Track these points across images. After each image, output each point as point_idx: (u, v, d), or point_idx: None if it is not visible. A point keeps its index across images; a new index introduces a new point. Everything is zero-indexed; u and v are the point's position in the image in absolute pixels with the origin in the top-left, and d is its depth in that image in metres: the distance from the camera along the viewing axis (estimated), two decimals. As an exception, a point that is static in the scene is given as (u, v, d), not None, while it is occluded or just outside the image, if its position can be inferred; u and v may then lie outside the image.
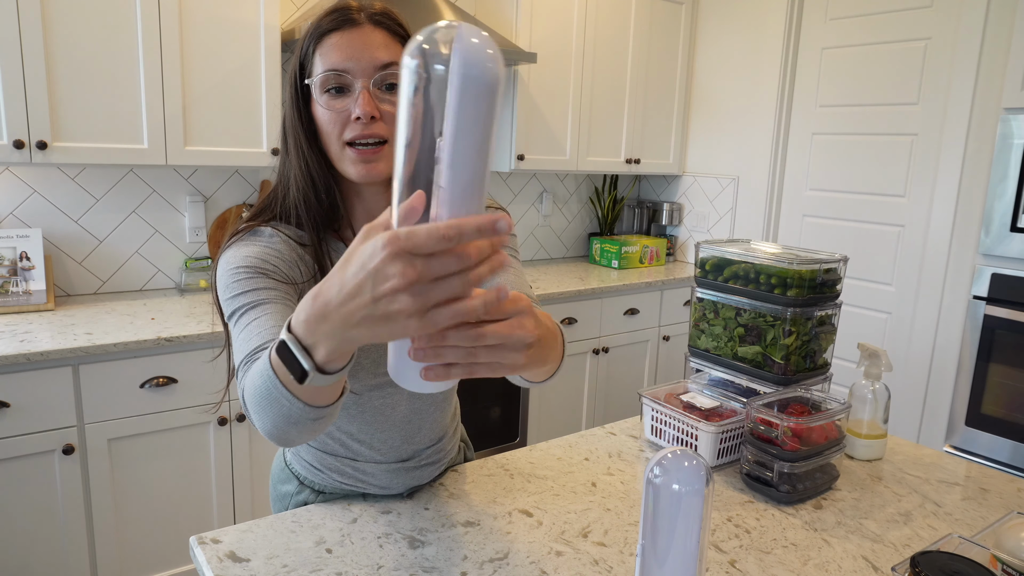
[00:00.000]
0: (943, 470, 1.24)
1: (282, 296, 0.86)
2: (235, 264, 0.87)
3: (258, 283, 0.86)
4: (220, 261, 0.90)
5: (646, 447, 1.30)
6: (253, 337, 0.79)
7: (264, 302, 0.83)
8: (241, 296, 0.84)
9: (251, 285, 0.85)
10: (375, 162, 0.89)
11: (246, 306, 0.83)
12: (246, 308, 0.83)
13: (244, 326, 0.81)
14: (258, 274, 0.86)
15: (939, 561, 0.77)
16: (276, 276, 0.88)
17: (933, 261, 2.61)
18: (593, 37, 3.02)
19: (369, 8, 0.91)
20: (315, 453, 1.04)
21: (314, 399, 0.64)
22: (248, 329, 0.80)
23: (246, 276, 0.86)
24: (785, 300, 1.20)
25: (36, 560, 1.78)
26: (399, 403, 1.01)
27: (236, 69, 2.15)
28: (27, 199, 2.15)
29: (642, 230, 3.67)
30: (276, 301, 0.85)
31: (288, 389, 0.63)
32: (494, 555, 0.92)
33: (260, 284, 0.86)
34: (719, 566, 0.91)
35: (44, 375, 1.71)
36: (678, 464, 0.68)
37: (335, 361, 0.59)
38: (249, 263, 0.87)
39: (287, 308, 0.85)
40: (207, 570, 0.86)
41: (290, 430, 0.68)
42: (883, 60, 2.73)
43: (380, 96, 0.89)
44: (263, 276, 0.87)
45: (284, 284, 0.88)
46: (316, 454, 1.04)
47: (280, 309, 0.84)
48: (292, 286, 0.89)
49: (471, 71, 0.52)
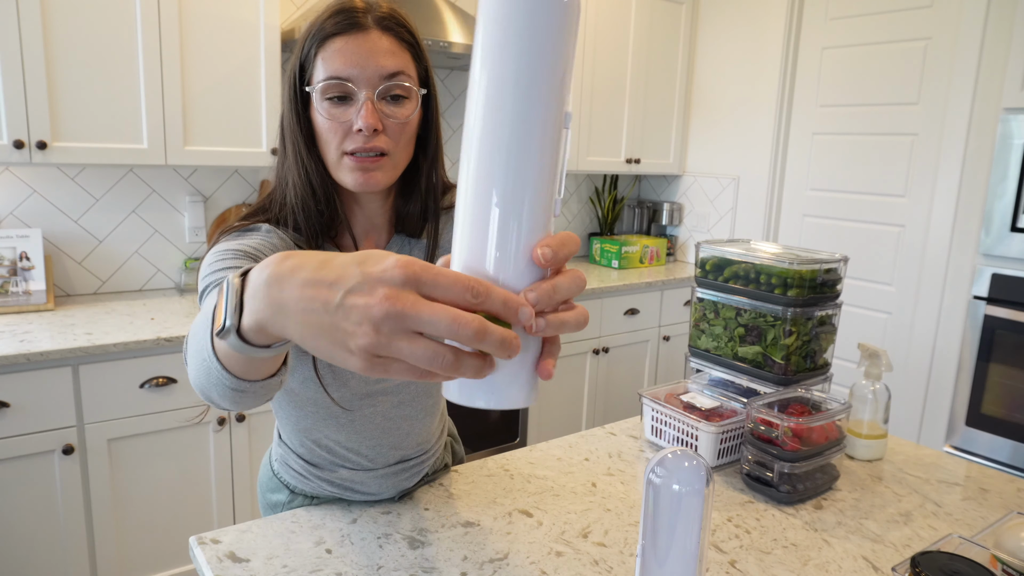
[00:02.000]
0: (943, 470, 1.24)
1: None
2: (224, 248, 0.83)
3: (245, 264, 0.80)
4: (209, 252, 0.85)
5: (646, 447, 1.30)
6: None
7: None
8: (222, 271, 0.78)
9: (236, 264, 0.80)
10: (374, 171, 0.86)
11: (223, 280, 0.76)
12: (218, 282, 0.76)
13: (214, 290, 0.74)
14: (246, 257, 0.81)
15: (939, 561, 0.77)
16: None
17: (933, 261, 2.61)
18: (593, 37, 3.02)
19: (376, 10, 0.86)
20: (302, 462, 1.02)
21: (230, 363, 0.56)
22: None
23: (233, 257, 0.81)
24: (785, 300, 1.20)
25: (36, 560, 1.77)
26: (388, 411, 0.99)
27: (236, 69, 2.15)
28: (27, 199, 2.15)
29: (642, 230, 3.67)
30: None
31: (213, 345, 0.56)
32: (494, 555, 0.92)
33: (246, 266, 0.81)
34: (719, 566, 0.91)
35: (44, 375, 1.71)
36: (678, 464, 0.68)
37: (257, 335, 0.50)
38: (240, 248, 0.83)
39: None
40: (207, 570, 0.86)
41: (210, 390, 0.61)
42: (883, 60, 2.73)
43: (384, 108, 0.85)
44: (252, 260, 0.81)
45: None
46: (303, 463, 1.02)
47: None
48: None
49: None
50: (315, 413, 0.96)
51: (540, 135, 0.45)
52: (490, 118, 0.45)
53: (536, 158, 0.46)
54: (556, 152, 0.47)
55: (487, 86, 0.45)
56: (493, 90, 0.45)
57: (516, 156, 0.45)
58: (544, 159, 0.46)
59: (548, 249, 0.46)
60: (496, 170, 0.45)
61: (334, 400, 0.94)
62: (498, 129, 0.45)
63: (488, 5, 0.45)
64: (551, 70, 0.45)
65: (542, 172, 0.46)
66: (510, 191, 0.45)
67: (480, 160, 0.46)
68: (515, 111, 0.45)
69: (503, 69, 0.45)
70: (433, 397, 1.03)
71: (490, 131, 0.45)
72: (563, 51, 0.45)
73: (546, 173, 0.46)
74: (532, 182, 0.46)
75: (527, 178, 0.46)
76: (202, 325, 0.60)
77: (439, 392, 1.05)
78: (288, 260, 0.47)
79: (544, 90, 0.45)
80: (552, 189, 0.47)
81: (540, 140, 0.45)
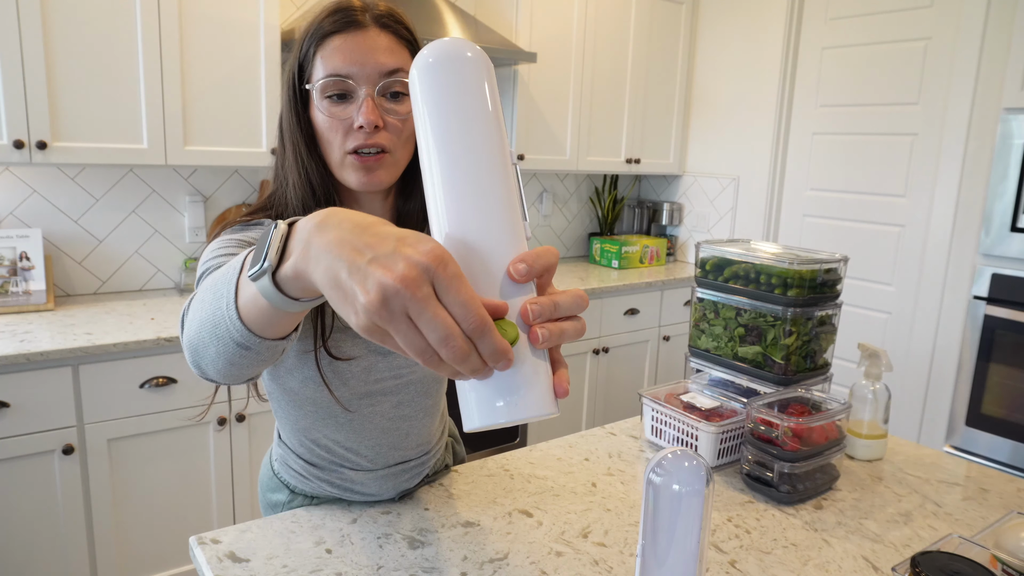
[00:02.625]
0: (943, 470, 1.24)
1: None
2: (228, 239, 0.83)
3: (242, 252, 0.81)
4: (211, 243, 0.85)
5: (646, 447, 1.30)
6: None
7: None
8: (223, 258, 0.78)
9: (234, 251, 0.79)
10: (376, 170, 0.87)
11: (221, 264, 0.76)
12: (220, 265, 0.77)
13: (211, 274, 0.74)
14: (245, 246, 0.81)
15: (939, 561, 0.77)
16: None
17: (933, 261, 2.61)
18: (593, 37, 3.02)
19: (374, 8, 0.86)
20: (302, 463, 1.02)
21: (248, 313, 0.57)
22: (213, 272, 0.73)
23: (236, 246, 0.81)
24: (785, 300, 1.20)
25: (36, 560, 1.77)
26: (387, 410, 0.98)
27: (236, 69, 2.15)
28: (27, 199, 2.15)
29: (642, 230, 3.67)
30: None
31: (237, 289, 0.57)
32: (494, 555, 0.92)
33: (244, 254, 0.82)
34: (719, 566, 0.91)
35: (44, 375, 1.71)
36: (678, 464, 0.68)
37: (291, 282, 0.52)
38: (244, 239, 0.83)
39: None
40: (207, 570, 0.86)
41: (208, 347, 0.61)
42: (883, 60, 2.73)
43: (384, 104, 0.85)
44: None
45: None
46: (303, 463, 1.02)
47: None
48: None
49: (435, 51, 0.51)
50: (314, 413, 0.96)
51: (489, 174, 0.51)
52: (444, 173, 0.51)
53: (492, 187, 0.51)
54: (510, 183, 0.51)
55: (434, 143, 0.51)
56: (440, 146, 0.51)
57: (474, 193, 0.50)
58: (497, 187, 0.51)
59: (523, 264, 0.49)
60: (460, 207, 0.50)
61: (336, 399, 0.94)
62: (452, 181, 0.50)
63: (416, 90, 0.52)
64: (483, 122, 0.51)
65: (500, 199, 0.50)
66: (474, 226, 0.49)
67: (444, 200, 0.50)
68: (463, 162, 0.50)
69: (443, 133, 0.51)
70: (433, 398, 1.03)
71: (446, 184, 0.50)
72: (484, 104, 0.51)
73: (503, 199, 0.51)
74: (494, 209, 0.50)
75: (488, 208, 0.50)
76: (223, 276, 0.60)
77: (439, 392, 1.05)
78: (338, 213, 0.49)
79: (481, 139, 0.50)
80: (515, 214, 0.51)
81: (490, 176, 0.51)
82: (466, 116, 0.50)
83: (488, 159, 0.50)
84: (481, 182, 0.50)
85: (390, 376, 0.97)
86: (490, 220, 0.49)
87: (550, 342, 0.49)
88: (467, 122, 0.50)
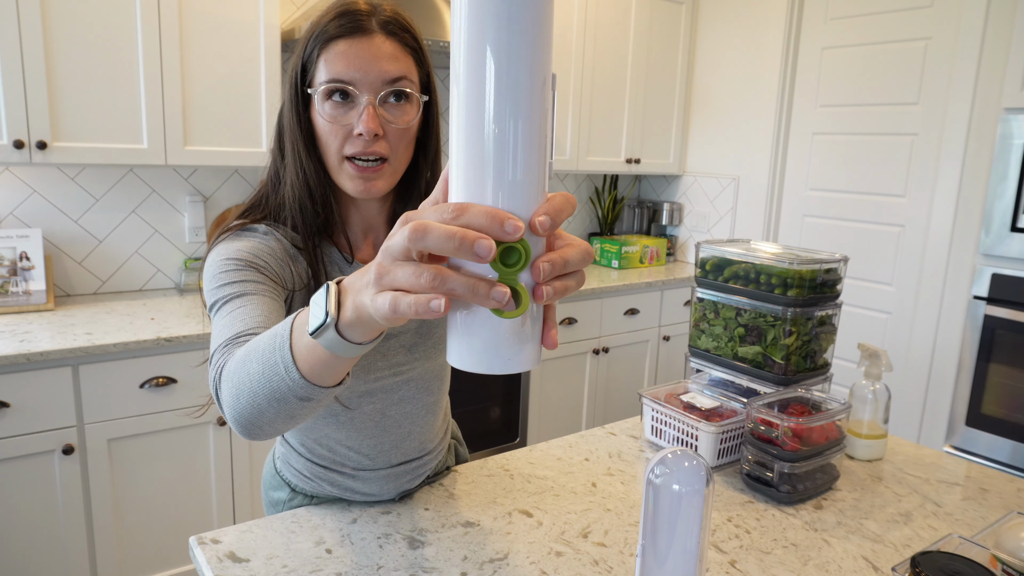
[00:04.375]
0: (943, 470, 1.24)
1: (270, 290, 0.84)
2: (225, 256, 0.85)
3: (246, 275, 0.83)
4: (210, 254, 0.87)
5: (646, 447, 1.30)
6: (236, 323, 0.75)
7: (251, 293, 0.81)
8: (227, 286, 0.81)
9: (239, 276, 0.82)
10: (374, 180, 0.87)
11: (231, 296, 0.80)
12: (231, 297, 0.80)
13: (227, 314, 0.78)
14: (248, 267, 0.84)
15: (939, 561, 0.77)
16: (266, 271, 0.85)
17: (933, 261, 2.61)
18: (593, 37, 3.02)
19: (380, 13, 0.86)
20: (304, 462, 1.02)
21: (308, 367, 0.59)
22: (232, 315, 0.77)
23: (235, 268, 0.83)
24: (785, 300, 1.20)
25: (36, 560, 1.77)
26: (387, 408, 0.99)
27: (236, 69, 2.15)
28: (27, 199, 2.15)
29: (642, 230, 3.67)
30: (263, 294, 0.82)
31: (292, 351, 0.60)
32: (494, 555, 0.92)
33: (248, 276, 0.83)
34: (719, 566, 0.91)
35: (44, 375, 1.71)
36: (678, 464, 0.68)
37: (353, 327, 0.55)
38: (240, 255, 0.84)
39: (273, 302, 0.82)
40: (207, 570, 0.86)
41: (267, 410, 0.64)
42: (883, 60, 2.73)
43: (385, 112, 0.85)
44: (253, 269, 0.84)
45: (273, 281, 0.86)
46: (305, 463, 1.02)
47: (266, 302, 0.81)
48: (281, 283, 0.87)
49: None
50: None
51: (528, 93, 0.47)
52: (474, 87, 0.47)
53: (525, 110, 0.48)
54: (544, 108, 0.49)
55: (470, 53, 0.47)
56: (476, 59, 0.47)
57: (505, 110, 0.47)
58: (533, 112, 0.48)
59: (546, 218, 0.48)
60: (487, 122, 0.48)
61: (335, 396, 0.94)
62: (483, 95, 0.47)
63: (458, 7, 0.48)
64: (531, 34, 0.47)
65: (531, 119, 0.48)
66: (502, 127, 0.47)
67: (470, 119, 0.48)
68: (499, 74, 0.47)
69: (483, 36, 0.47)
70: (434, 395, 1.04)
71: (475, 95, 0.47)
72: (541, 11, 0.47)
73: (536, 119, 0.48)
74: (523, 119, 0.48)
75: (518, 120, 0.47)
76: (267, 344, 0.63)
77: (440, 390, 1.05)
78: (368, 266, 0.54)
79: (525, 54, 0.47)
80: (544, 136, 0.49)
81: (528, 97, 0.47)
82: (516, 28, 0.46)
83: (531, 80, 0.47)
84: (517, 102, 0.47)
85: (389, 373, 0.97)
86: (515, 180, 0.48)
87: (553, 299, 0.50)
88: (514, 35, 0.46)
